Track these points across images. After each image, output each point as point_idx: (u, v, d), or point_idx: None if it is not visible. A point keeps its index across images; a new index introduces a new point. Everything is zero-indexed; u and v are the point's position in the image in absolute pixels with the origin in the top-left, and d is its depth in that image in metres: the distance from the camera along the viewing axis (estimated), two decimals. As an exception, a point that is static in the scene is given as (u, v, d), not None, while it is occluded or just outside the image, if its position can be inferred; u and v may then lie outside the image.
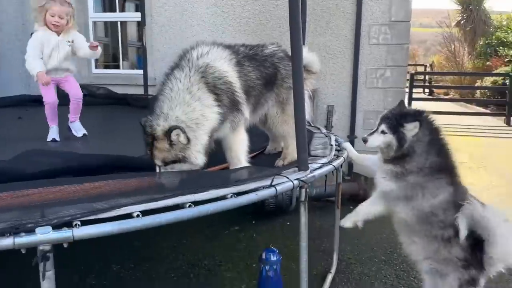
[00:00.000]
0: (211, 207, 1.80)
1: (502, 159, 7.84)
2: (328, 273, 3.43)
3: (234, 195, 1.91)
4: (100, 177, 2.03)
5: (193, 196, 1.80)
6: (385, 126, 2.34)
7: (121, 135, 3.98)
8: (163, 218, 1.67)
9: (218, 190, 1.89)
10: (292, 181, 2.16)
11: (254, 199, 1.96)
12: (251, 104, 2.57)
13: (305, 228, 2.36)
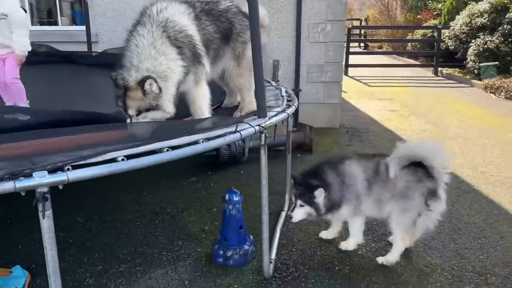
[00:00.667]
0: (186, 150, 2.02)
1: (430, 106, 8.60)
2: (282, 211, 3.80)
3: (205, 140, 2.13)
4: (81, 130, 2.15)
5: (170, 142, 2.01)
6: (301, 200, 2.86)
7: (75, 95, 4.00)
8: (146, 160, 1.87)
9: (191, 136, 2.11)
10: (254, 127, 2.41)
11: (222, 142, 2.20)
12: (211, 57, 2.74)
13: (265, 168, 2.65)
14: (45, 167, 1.65)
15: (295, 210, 2.87)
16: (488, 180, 4.68)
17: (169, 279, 2.87)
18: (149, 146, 1.96)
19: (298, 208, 2.85)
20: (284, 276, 2.92)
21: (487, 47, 10.75)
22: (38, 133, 2.05)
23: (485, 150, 5.74)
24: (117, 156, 1.83)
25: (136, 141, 2.00)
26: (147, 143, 1.97)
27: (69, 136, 2.01)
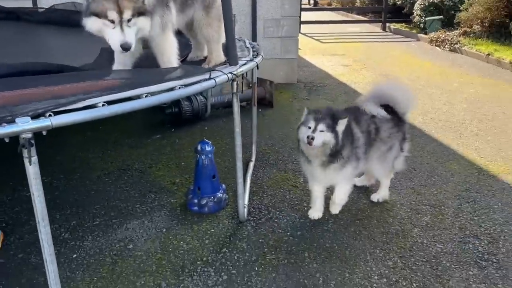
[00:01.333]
0: (166, 96, 2.03)
1: (380, 60, 8.90)
2: (250, 162, 3.91)
3: (182, 86, 2.15)
4: (59, 80, 2.10)
5: (149, 88, 2.01)
6: (323, 125, 2.67)
7: (24, 56, 3.79)
8: (128, 106, 1.87)
9: (168, 83, 2.12)
10: (226, 74, 2.45)
11: (199, 89, 2.23)
12: (178, 4, 2.69)
13: (238, 116, 2.72)
14: (27, 114, 1.63)
15: (316, 134, 2.65)
16: (438, 125, 5.01)
17: (146, 229, 2.93)
18: (129, 92, 1.95)
19: (318, 133, 2.65)
20: (257, 218, 3.06)
21: (432, 1, 11.12)
22: (13, 83, 1.98)
23: (433, 98, 6.09)
24: (97, 102, 1.82)
25: (115, 89, 1.99)
26: (126, 90, 1.97)
27: (47, 87, 1.96)
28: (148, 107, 1.98)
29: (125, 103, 1.87)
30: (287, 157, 4.11)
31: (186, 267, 2.55)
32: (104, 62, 3.18)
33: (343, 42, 11.29)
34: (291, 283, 2.42)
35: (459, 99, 6.03)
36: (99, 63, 3.15)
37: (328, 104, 5.80)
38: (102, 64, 3.12)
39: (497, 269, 2.54)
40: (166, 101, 2.03)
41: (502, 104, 5.80)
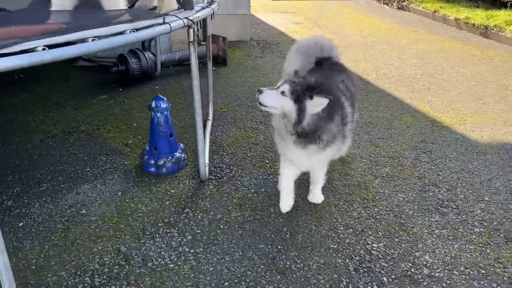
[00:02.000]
0: (115, 40, 1.80)
1: (331, 18, 8.83)
2: (207, 121, 3.74)
3: (133, 30, 1.92)
4: None
5: (97, 30, 1.77)
6: (289, 87, 2.05)
7: None
8: (73, 50, 1.63)
9: (118, 26, 1.88)
10: (182, 19, 2.23)
11: (152, 33, 2.01)
12: None
13: (196, 67, 2.52)
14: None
15: (271, 91, 2.10)
16: (390, 80, 5.05)
17: (99, 192, 2.72)
18: (74, 35, 1.71)
19: (275, 93, 2.07)
20: (219, 177, 2.94)
21: (380, -41, 11.10)
22: None
23: (384, 54, 6.13)
24: (37, 46, 1.57)
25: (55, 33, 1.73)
26: (70, 32, 1.72)
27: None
28: (93, 55, 1.74)
29: (69, 47, 1.63)
30: (245, 116, 3.97)
31: (147, 230, 2.40)
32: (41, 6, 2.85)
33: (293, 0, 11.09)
34: (258, 238, 2.35)
35: (409, 55, 6.11)
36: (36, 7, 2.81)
37: (282, 61, 5.66)
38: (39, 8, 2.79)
39: (457, 215, 2.60)
40: (115, 46, 1.80)
41: (450, 59, 5.94)
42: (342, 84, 2.53)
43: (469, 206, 2.69)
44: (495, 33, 6.96)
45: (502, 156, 3.32)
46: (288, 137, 2.22)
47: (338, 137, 2.29)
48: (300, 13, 9.29)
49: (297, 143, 2.22)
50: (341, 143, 2.40)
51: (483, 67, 5.57)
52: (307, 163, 2.42)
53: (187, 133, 3.55)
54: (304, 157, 2.31)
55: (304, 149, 2.25)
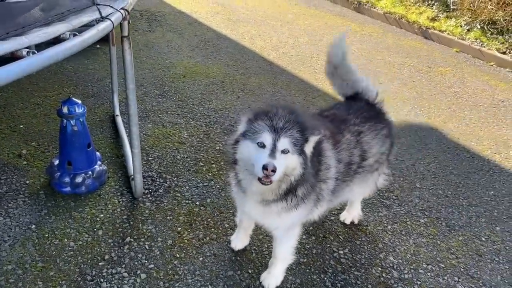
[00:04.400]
0: (60, 52, 1.29)
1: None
2: (116, 116, 3.20)
3: (73, 33, 1.42)
4: None
5: (26, 38, 1.24)
6: (288, 141, 1.55)
7: None
8: (10, 72, 1.11)
9: (52, 28, 1.36)
10: (119, 10, 1.75)
11: (98, 35, 1.51)
12: None
13: (131, 67, 2.04)
14: None
15: (277, 157, 1.52)
16: (291, 60, 5.02)
17: (5, 228, 2.11)
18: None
19: (280, 156, 1.53)
20: (154, 190, 2.54)
21: None
22: None
23: (277, 31, 6.07)
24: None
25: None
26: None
27: None
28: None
29: (6, 69, 1.11)
30: (156, 107, 3.52)
31: (87, 274, 1.94)
32: None
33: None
34: (223, 264, 2.09)
35: (299, 32, 6.15)
36: None
37: (176, 37, 5.20)
38: None
39: (399, 206, 2.69)
40: (60, 60, 1.30)
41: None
42: (352, 136, 1.95)
43: (406, 195, 2.81)
44: (367, 9, 7.45)
45: (414, 138, 3.55)
46: (255, 195, 1.72)
47: (312, 194, 1.77)
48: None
49: (261, 201, 1.72)
50: (315, 203, 1.83)
51: (367, 45, 5.91)
52: (269, 224, 1.86)
53: (93, 133, 2.98)
54: (266, 215, 1.78)
55: (268, 207, 1.73)
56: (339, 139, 1.88)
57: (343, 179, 1.91)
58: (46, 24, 1.39)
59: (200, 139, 3.12)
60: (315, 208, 1.85)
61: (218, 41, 5.34)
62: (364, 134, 1.98)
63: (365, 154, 1.98)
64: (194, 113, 3.50)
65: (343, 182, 1.92)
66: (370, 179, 2.15)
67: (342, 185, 1.93)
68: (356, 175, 2.00)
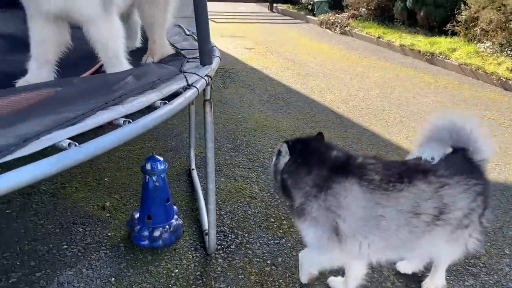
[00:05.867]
0: (151, 120, 1.40)
1: (280, 42, 8.74)
2: (191, 170, 3.33)
3: (163, 101, 1.53)
4: None
5: (123, 107, 1.36)
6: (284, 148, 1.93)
7: None
8: (107, 142, 1.21)
9: (146, 97, 1.48)
10: (203, 77, 1.87)
11: (185, 102, 1.62)
12: None
13: (211, 128, 2.14)
14: None
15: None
16: (362, 113, 4.98)
17: (87, 280, 2.22)
18: (98, 118, 1.28)
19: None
20: (226, 246, 2.56)
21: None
22: None
23: (346, 84, 6.10)
24: (60, 140, 1.14)
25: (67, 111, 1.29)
26: (87, 116, 1.29)
27: None
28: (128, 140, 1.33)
29: (102, 139, 1.21)
30: (229, 161, 3.62)
31: (162, 331, 1.96)
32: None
33: (236, 22, 10.92)
34: (296, 330, 2.01)
35: (369, 84, 6.13)
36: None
37: (248, 92, 5.40)
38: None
39: (488, 275, 2.46)
40: (151, 128, 1.40)
41: (408, 88, 6.05)
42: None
43: (495, 263, 2.57)
44: (441, 60, 7.28)
45: (500, 198, 3.30)
46: None
47: (312, 212, 1.82)
48: (249, 37, 9.11)
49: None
50: (323, 230, 1.84)
51: (443, 97, 5.72)
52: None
53: (170, 186, 3.10)
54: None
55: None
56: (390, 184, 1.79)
57: (409, 230, 1.82)
58: (140, 93, 1.51)
59: (271, 194, 3.13)
60: (335, 243, 1.82)
61: (288, 95, 5.47)
62: (449, 187, 1.85)
63: (444, 208, 1.85)
64: (264, 167, 3.54)
65: (411, 233, 1.83)
66: (461, 238, 1.96)
67: (408, 236, 1.83)
68: (434, 227, 1.86)
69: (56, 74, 1.98)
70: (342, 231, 1.81)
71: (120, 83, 1.56)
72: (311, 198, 1.82)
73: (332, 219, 1.80)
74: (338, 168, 1.83)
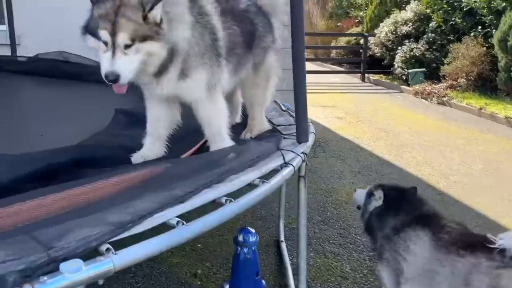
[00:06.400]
0: (251, 199, 1.45)
1: (372, 112, 8.68)
2: (280, 242, 3.31)
3: (262, 180, 1.59)
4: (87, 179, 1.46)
5: (225, 186, 1.43)
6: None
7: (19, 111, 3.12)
8: (211, 221, 1.28)
9: (246, 176, 1.55)
10: (299, 154, 1.91)
11: (282, 180, 1.67)
12: (232, 64, 2.17)
13: (304, 204, 2.15)
14: (75, 251, 1.00)
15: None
16: (465, 189, 4.63)
17: None
18: (202, 196, 1.36)
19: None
20: (315, 328, 2.44)
21: (413, 54, 11.24)
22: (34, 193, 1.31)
23: (445, 157, 5.78)
24: (169, 217, 1.22)
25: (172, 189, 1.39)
26: (193, 194, 1.38)
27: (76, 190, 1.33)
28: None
29: (208, 218, 1.28)
30: (318, 235, 3.54)
31: None
32: (120, 130, 2.59)
33: (327, 92, 11.13)
34: None
35: (472, 158, 5.74)
36: (113, 131, 2.56)
37: (338, 163, 5.36)
38: (116, 133, 2.53)
39: None
40: (251, 206, 1.45)
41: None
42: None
43: None
44: (555, 134, 6.62)
45: None
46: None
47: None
48: (339, 106, 9.19)
49: None
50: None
51: (559, 174, 5.14)
52: None
53: (259, 258, 3.09)
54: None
55: None
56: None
57: None
58: (240, 171, 1.59)
59: (364, 274, 2.97)
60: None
61: (381, 167, 5.31)
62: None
63: None
64: (356, 244, 3.40)
65: None
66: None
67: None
68: None
69: (167, 148, 2.18)
70: (404, 274, 1.94)
71: (223, 161, 1.66)
72: (388, 240, 2.01)
73: (399, 261, 1.96)
74: (420, 218, 2.00)
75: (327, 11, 19.06)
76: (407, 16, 11.90)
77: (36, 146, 2.15)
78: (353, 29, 15.98)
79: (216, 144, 2.07)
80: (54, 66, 4.20)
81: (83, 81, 3.80)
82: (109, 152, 2.03)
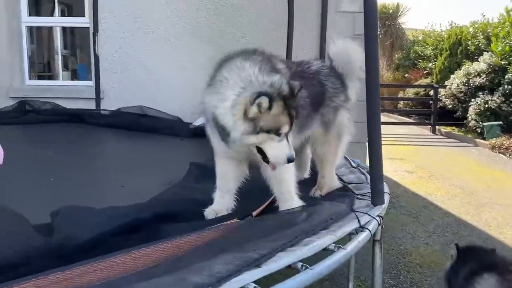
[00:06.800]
0: (327, 266, 1.41)
1: (445, 167, 8.25)
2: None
3: (337, 245, 1.54)
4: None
5: (300, 250, 1.40)
6: None
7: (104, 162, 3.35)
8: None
9: (321, 240, 1.51)
10: (375, 218, 1.84)
11: (358, 246, 1.61)
12: (298, 126, 2.21)
13: (380, 270, 2.04)
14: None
15: None
16: (557, 257, 4.16)
17: None
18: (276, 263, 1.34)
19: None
20: None
21: (488, 106, 10.71)
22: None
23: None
24: (246, 283, 1.21)
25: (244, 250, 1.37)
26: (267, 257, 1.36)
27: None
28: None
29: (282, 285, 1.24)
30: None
31: None
32: (192, 182, 2.67)
33: (395, 144, 10.81)
34: None
35: None
36: (188, 184, 2.64)
37: (411, 221, 5.09)
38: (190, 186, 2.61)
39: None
40: (325, 274, 1.41)
41: None
42: None
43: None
44: None
45: None
46: None
47: None
48: (409, 160, 8.86)
49: None
50: None
51: None
52: None
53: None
54: None
55: None
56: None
57: None
58: (314, 234, 1.55)
59: None
60: None
61: (458, 227, 4.96)
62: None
63: None
64: (434, 313, 3.14)
65: None
66: None
67: None
68: None
69: (236, 201, 2.20)
70: None
71: (295, 222, 1.64)
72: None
73: None
74: (487, 264, 2.14)
75: (394, 62, 18.94)
76: (480, 68, 11.48)
77: (118, 197, 2.27)
78: (421, 80, 15.67)
79: (286, 203, 2.06)
80: (133, 119, 4.49)
81: (159, 134, 4.03)
82: (184, 207, 2.08)
